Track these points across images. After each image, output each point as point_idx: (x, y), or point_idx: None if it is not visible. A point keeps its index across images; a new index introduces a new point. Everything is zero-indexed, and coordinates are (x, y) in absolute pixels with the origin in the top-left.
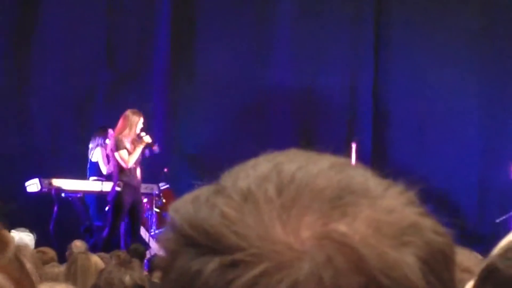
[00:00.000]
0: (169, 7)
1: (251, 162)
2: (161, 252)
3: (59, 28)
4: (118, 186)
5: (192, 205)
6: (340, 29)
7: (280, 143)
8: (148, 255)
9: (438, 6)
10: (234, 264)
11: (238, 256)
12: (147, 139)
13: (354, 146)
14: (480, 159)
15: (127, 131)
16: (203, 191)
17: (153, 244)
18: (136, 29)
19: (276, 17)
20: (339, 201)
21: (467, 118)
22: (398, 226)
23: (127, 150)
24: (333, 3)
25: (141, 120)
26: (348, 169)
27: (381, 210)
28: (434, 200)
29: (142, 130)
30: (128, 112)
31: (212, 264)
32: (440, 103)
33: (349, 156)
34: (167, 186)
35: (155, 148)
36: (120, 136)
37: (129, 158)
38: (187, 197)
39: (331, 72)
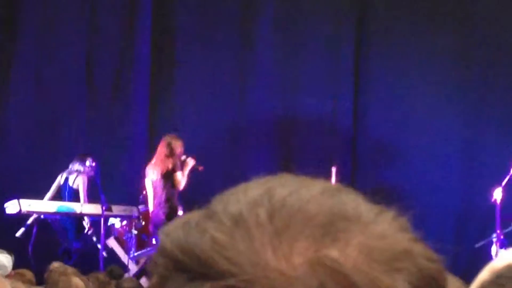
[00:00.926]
0: (149, 25)
1: (242, 186)
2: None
3: (37, 46)
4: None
5: (182, 230)
6: (320, 52)
7: (259, 165)
8: None
9: (417, 26)
10: None
11: (229, 282)
12: (191, 162)
13: (334, 169)
14: (460, 182)
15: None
16: (193, 216)
17: (131, 266)
18: (115, 46)
19: (256, 37)
20: (331, 227)
21: (448, 141)
22: (391, 252)
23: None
24: (313, 25)
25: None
26: (340, 194)
27: (373, 236)
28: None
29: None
30: (168, 138)
31: None
32: (421, 126)
33: (329, 179)
34: (147, 208)
35: (201, 168)
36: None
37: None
38: (178, 221)
39: (311, 94)
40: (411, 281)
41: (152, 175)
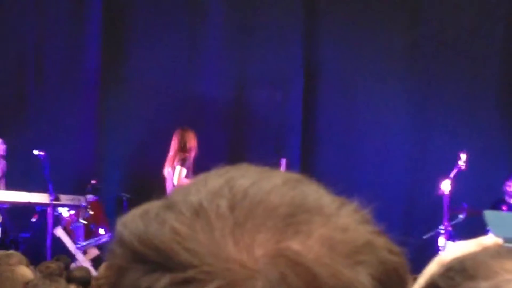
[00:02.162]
0: (100, 17)
1: (201, 176)
2: (86, 264)
3: None
4: None
5: (141, 220)
6: (270, 43)
7: (209, 155)
8: (74, 267)
9: (365, 23)
10: (185, 282)
11: (189, 273)
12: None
13: (283, 161)
14: (408, 174)
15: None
16: (152, 206)
17: (79, 256)
18: (65, 34)
19: (206, 28)
20: (293, 218)
21: (395, 134)
22: (353, 245)
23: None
24: (263, 16)
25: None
26: (301, 185)
27: (335, 228)
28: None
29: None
30: (180, 131)
31: (163, 281)
32: (369, 119)
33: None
34: (95, 197)
35: None
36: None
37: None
38: (136, 211)
39: (261, 86)
40: (373, 273)
41: (167, 168)
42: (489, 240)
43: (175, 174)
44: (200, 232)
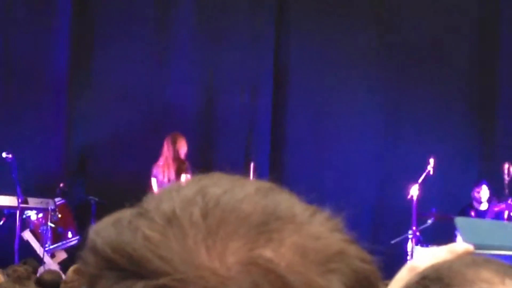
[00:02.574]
0: (68, 18)
1: (174, 184)
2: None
3: None
4: None
5: (114, 228)
6: (239, 47)
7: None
8: (42, 270)
9: (335, 28)
10: None
11: (162, 281)
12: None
13: (252, 165)
14: (376, 179)
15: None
16: (125, 214)
17: (47, 259)
18: (32, 33)
19: (176, 32)
20: (265, 226)
21: (364, 139)
22: (325, 253)
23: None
24: (234, 21)
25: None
26: (273, 194)
27: (308, 236)
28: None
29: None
30: (172, 137)
31: None
32: (338, 123)
33: (248, 175)
34: (63, 201)
35: None
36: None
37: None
38: (108, 219)
39: (230, 91)
40: (345, 282)
41: (160, 176)
42: (460, 246)
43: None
44: (173, 239)
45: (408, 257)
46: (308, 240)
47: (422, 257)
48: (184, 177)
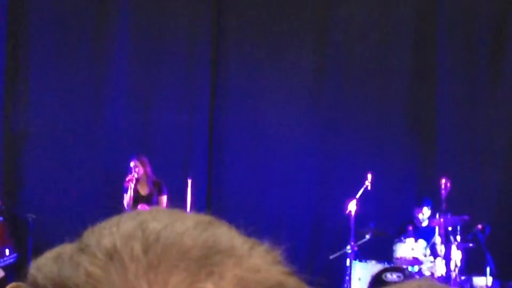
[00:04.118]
0: (3, 37)
1: (114, 219)
2: None
3: None
4: None
5: (55, 264)
6: (177, 66)
7: (114, 179)
8: None
9: (273, 44)
10: None
11: None
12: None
13: (190, 182)
14: (315, 194)
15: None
16: (65, 249)
17: None
18: None
19: (112, 49)
20: (206, 260)
21: (303, 154)
22: (265, 285)
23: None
24: (170, 39)
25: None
26: (213, 227)
27: (248, 269)
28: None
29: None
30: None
31: None
32: (276, 139)
33: (185, 191)
34: (0, 218)
35: None
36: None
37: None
38: (48, 254)
39: (167, 109)
40: None
41: (137, 194)
42: None
43: (164, 203)
44: (114, 274)
45: (347, 272)
46: (249, 273)
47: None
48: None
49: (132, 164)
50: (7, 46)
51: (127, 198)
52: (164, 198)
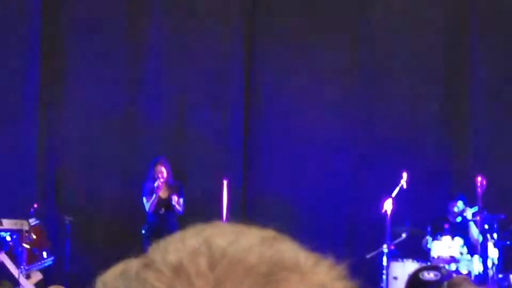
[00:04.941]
0: (39, 39)
1: (179, 235)
2: None
3: None
4: None
5: (121, 280)
6: (210, 66)
7: (150, 178)
8: None
9: (305, 45)
10: None
11: None
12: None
13: (225, 182)
14: (350, 193)
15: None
16: (130, 265)
17: (22, 281)
18: (3, 55)
19: (146, 52)
20: (272, 277)
21: (337, 154)
22: None
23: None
24: (203, 39)
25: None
26: (277, 243)
27: (312, 285)
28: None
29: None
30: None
31: None
32: (310, 139)
33: (221, 191)
34: (38, 221)
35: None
36: None
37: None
38: (115, 270)
39: (201, 109)
40: None
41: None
42: None
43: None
44: None
45: (383, 272)
46: None
47: None
48: (175, 199)
49: (160, 168)
50: (42, 48)
51: (151, 201)
52: (181, 201)
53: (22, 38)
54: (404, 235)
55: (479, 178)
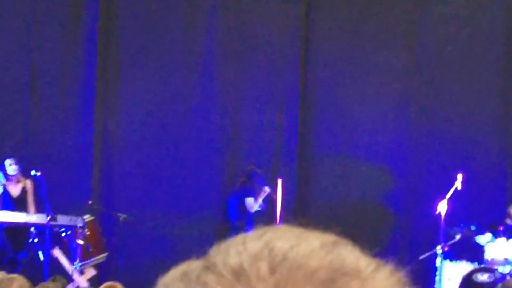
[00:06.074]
0: (94, 36)
1: (240, 238)
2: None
3: None
4: None
5: (182, 282)
6: (266, 66)
7: (205, 179)
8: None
9: (362, 46)
10: None
11: None
12: (267, 190)
13: (280, 181)
14: (404, 195)
15: None
16: (191, 267)
17: (76, 276)
18: (60, 56)
19: (201, 52)
20: (332, 283)
21: (392, 155)
22: None
23: None
24: (259, 40)
25: None
26: (338, 248)
27: None
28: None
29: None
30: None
31: None
32: (365, 140)
33: (275, 191)
34: (92, 217)
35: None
36: None
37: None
38: (175, 272)
39: (256, 109)
40: None
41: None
42: None
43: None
44: None
45: (437, 273)
46: None
47: None
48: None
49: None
50: (98, 48)
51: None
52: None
53: (78, 36)
54: (458, 237)
55: None
